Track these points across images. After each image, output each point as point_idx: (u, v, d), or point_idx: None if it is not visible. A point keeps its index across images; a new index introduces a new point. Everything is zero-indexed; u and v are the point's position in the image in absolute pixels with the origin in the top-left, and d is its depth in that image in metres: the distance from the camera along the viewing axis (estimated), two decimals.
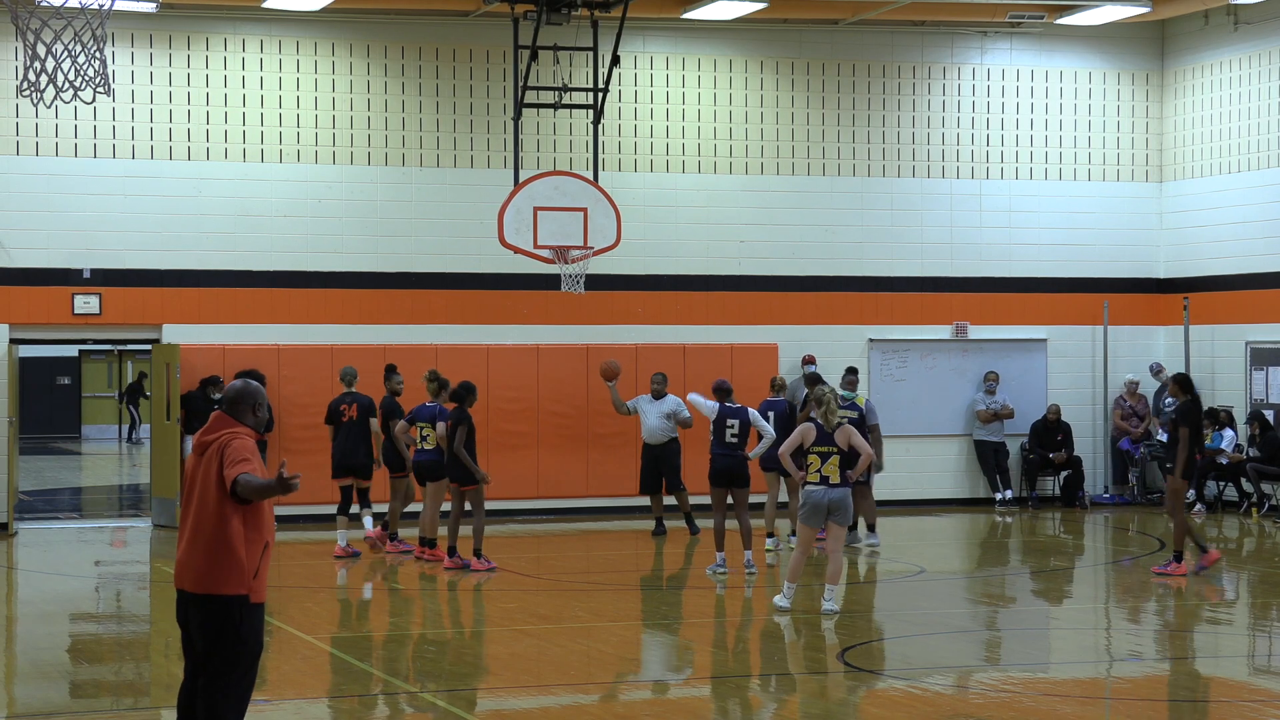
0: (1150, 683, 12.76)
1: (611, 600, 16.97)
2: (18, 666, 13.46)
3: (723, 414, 18.14)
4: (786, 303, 25.12)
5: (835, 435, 15.27)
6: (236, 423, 9.03)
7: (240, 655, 8.88)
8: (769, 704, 12.13)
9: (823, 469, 15.24)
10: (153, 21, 23.15)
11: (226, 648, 8.85)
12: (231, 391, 9.16)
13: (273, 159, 23.53)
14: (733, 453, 18.09)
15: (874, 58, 25.62)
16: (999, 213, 26.03)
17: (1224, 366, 25.34)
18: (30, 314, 22.82)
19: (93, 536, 22.84)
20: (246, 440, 8.96)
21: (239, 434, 8.97)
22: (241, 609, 8.84)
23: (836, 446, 15.24)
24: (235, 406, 9.08)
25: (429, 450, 19.04)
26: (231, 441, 8.91)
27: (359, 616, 16.10)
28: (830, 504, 15.26)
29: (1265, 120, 24.84)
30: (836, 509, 15.29)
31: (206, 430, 9.05)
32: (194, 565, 8.85)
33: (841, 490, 15.29)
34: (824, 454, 15.25)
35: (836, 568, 15.38)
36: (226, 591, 8.82)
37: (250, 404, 9.10)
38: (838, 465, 15.24)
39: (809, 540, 15.65)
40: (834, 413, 15.27)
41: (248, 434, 9.03)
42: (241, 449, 8.87)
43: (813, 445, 15.27)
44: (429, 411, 19.08)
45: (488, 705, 11.98)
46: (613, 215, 21.42)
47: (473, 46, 24.21)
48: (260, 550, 8.95)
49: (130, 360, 47.46)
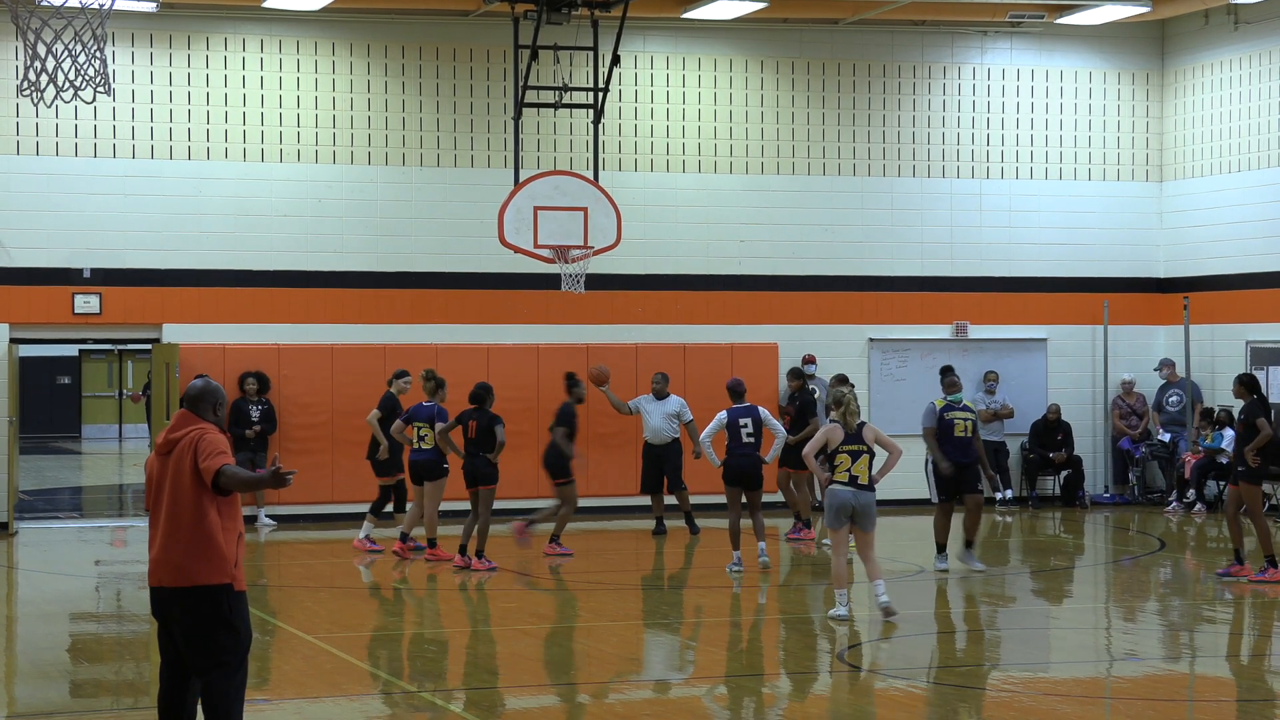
0: (1150, 683, 12.76)
1: (611, 600, 16.97)
2: (18, 666, 13.46)
3: (734, 415, 18.11)
4: (786, 302, 25.12)
5: (862, 433, 14.94)
6: (200, 419, 9.12)
7: (235, 644, 8.94)
8: (769, 704, 12.12)
9: (853, 469, 14.85)
10: (153, 21, 23.15)
11: (221, 639, 8.89)
12: (194, 390, 9.24)
13: (273, 159, 23.53)
14: (749, 453, 18.06)
15: (874, 58, 25.62)
16: (999, 212, 26.03)
17: (1224, 366, 25.33)
18: (30, 314, 22.83)
19: (93, 536, 22.84)
20: (218, 434, 9.06)
21: (208, 429, 9.06)
22: (228, 597, 8.90)
23: (865, 445, 14.90)
24: (197, 404, 9.19)
25: (426, 450, 19.02)
26: (204, 435, 9.00)
27: (360, 616, 16.10)
28: (856, 507, 14.86)
29: (1265, 120, 24.84)
30: (861, 514, 14.87)
31: (171, 429, 9.12)
32: (173, 560, 8.87)
33: (869, 494, 14.88)
34: (854, 453, 14.86)
35: (876, 567, 15.02)
36: (211, 581, 8.88)
37: (211, 402, 9.20)
38: (868, 465, 14.90)
39: (843, 541, 15.05)
40: (854, 414, 14.92)
41: (215, 429, 9.13)
42: (216, 442, 8.97)
43: (841, 445, 14.91)
44: (426, 411, 19.06)
45: (488, 705, 11.98)
46: (613, 215, 21.43)
47: (473, 46, 24.21)
48: (236, 539, 9.01)
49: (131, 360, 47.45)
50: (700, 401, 23.23)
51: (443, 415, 18.94)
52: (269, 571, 18.94)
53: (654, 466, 21.77)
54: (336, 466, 23.20)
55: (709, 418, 22.69)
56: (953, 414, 18.00)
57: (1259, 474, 17.37)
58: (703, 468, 22.84)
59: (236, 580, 8.95)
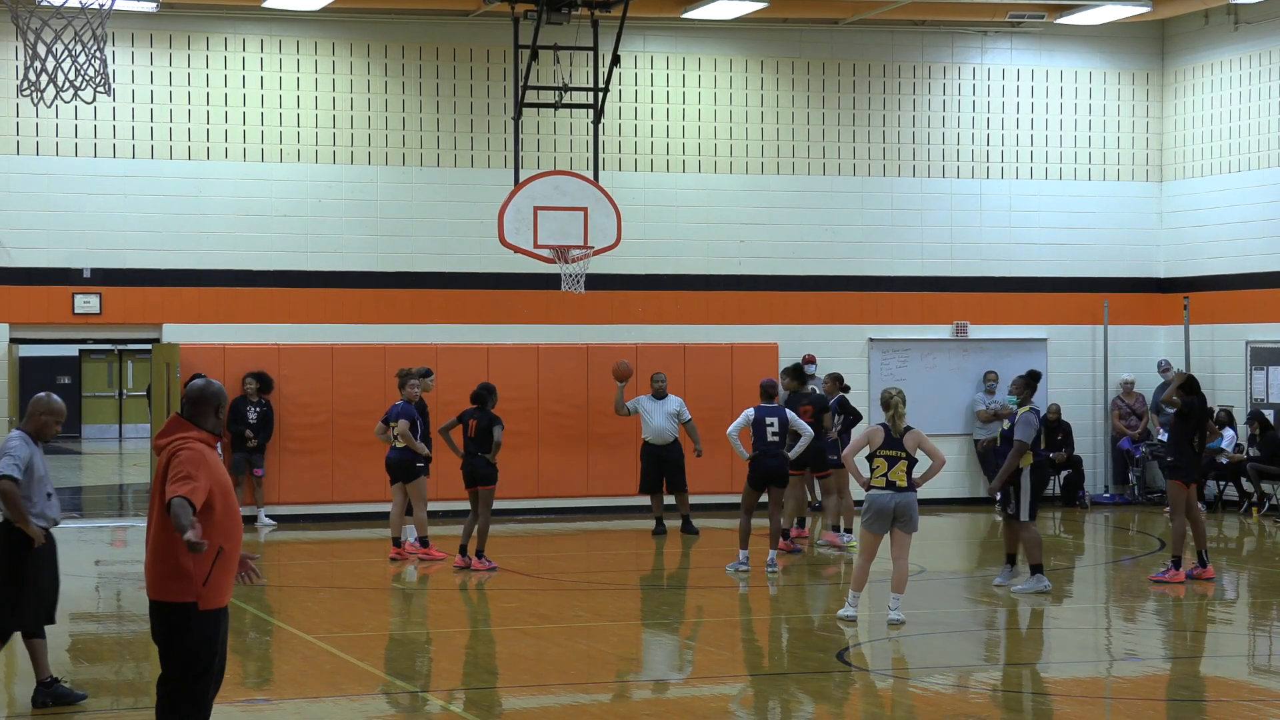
0: (1150, 683, 12.76)
1: (611, 600, 16.97)
2: (18, 666, 13.44)
3: (761, 413, 18.09)
4: (786, 302, 25.12)
5: (904, 439, 14.70)
6: (192, 426, 8.69)
7: (187, 664, 8.62)
8: (769, 704, 12.12)
9: (889, 473, 14.63)
10: (153, 21, 23.15)
11: (175, 655, 8.64)
12: (193, 391, 8.78)
13: (273, 159, 23.53)
14: (775, 452, 18.05)
15: (874, 58, 25.62)
16: (999, 212, 26.03)
17: (1224, 366, 25.34)
18: (30, 314, 22.83)
19: (93, 536, 22.83)
20: (194, 451, 8.58)
21: (189, 441, 8.61)
22: (187, 616, 8.57)
23: (905, 451, 14.65)
24: (196, 408, 8.75)
25: (399, 448, 19.05)
26: (179, 451, 8.58)
27: (360, 616, 16.10)
28: (897, 509, 14.64)
29: (1265, 120, 24.84)
30: (903, 515, 14.66)
31: (160, 433, 8.78)
32: (149, 571, 8.71)
33: (908, 495, 14.65)
34: (891, 458, 14.63)
35: (901, 576, 14.79)
36: (173, 599, 8.59)
37: (213, 406, 8.76)
38: (906, 470, 14.67)
39: (873, 547, 14.87)
40: (901, 416, 14.67)
41: (200, 440, 8.66)
42: (187, 462, 8.51)
43: (879, 448, 14.68)
44: (408, 410, 19.08)
45: (488, 705, 11.98)
46: (613, 215, 21.43)
47: (473, 46, 24.21)
48: (212, 557, 8.56)
49: (131, 360, 47.45)
50: (700, 401, 23.26)
51: (407, 412, 18.96)
52: (269, 571, 18.93)
53: (654, 467, 21.75)
54: (336, 466, 23.20)
55: (709, 418, 22.77)
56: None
57: (1187, 471, 17.33)
58: (703, 466, 22.86)
59: (203, 599, 8.57)
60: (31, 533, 11.44)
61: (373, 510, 22.76)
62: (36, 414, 11.48)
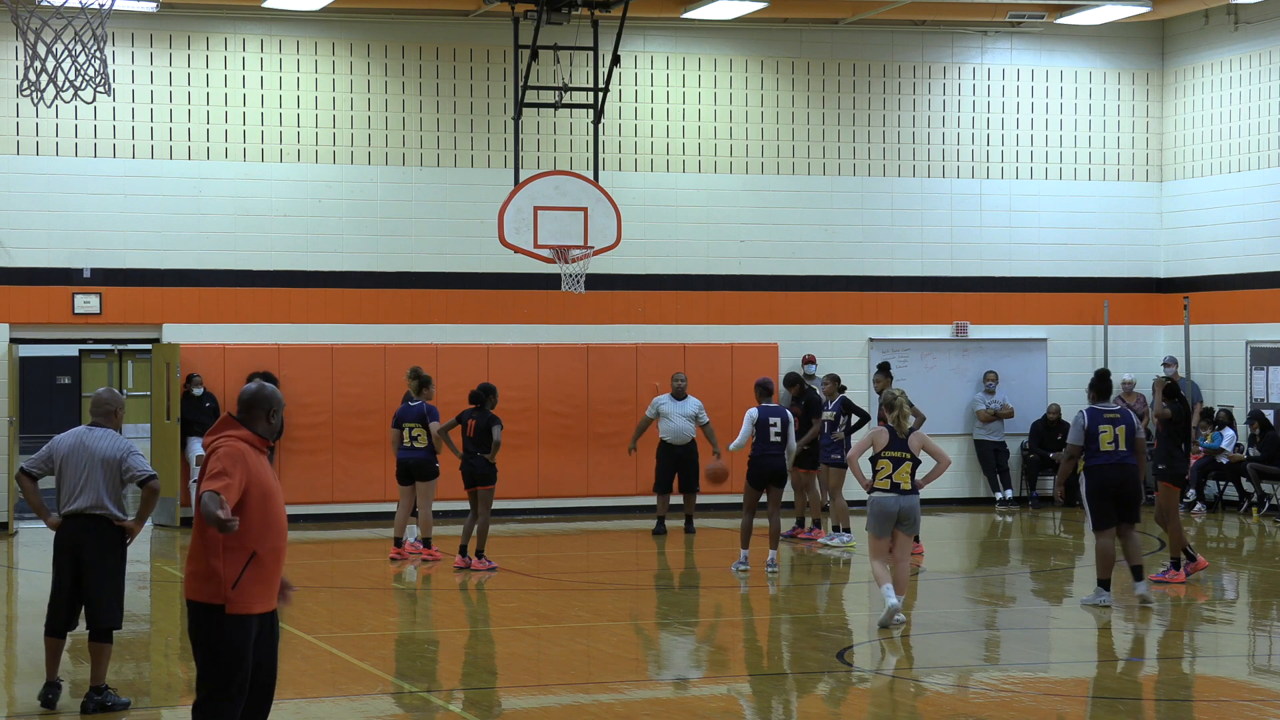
0: (1150, 683, 12.76)
1: (611, 600, 16.97)
2: (18, 666, 13.45)
3: (764, 414, 18.10)
4: (786, 302, 25.12)
5: (909, 440, 14.61)
6: (240, 426, 8.57)
7: (211, 668, 8.48)
8: (769, 704, 12.12)
9: (894, 475, 14.53)
10: (153, 21, 23.15)
11: (201, 657, 8.53)
12: (244, 396, 8.66)
13: (273, 159, 23.53)
14: (777, 452, 18.07)
15: (874, 58, 25.62)
16: (999, 212, 26.03)
17: (1224, 366, 25.34)
18: (30, 314, 22.83)
19: None
20: (233, 447, 8.46)
21: (228, 439, 8.50)
22: (213, 617, 8.44)
23: (910, 453, 14.56)
24: (249, 412, 8.62)
25: (420, 449, 19.00)
26: (216, 450, 8.46)
27: (360, 616, 16.10)
28: (901, 512, 14.56)
29: (1265, 120, 24.84)
30: (906, 517, 14.59)
31: (211, 430, 8.66)
32: (185, 569, 8.66)
33: (911, 498, 14.58)
34: (896, 459, 14.53)
35: (902, 577, 14.71)
36: (202, 599, 8.48)
37: (264, 410, 8.62)
38: (910, 472, 14.57)
39: (883, 549, 14.69)
40: (906, 416, 14.58)
41: (242, 439, 8.54)
42: (223, 457, 8.41)
43: (884, 450, 14.58)
44: (415, 410, 19.03)
45: (488, 705, 11.98)
46: (613, 215, 21.43)
47: (473, 46, 24.21)
48: (244, 560, 8.42)
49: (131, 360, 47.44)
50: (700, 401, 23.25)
51: (433, 413, 18.92)
52: None
53: (670, 466, 21.79)
54: (336, 466, 23.21)
55: (710, 418, 22.75)
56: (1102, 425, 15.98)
57: (1178, 475, 17.38)
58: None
59: (231, 602, 8.41)
60: (131, 529, 11.57)
61: (373, 510, 22.79)
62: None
